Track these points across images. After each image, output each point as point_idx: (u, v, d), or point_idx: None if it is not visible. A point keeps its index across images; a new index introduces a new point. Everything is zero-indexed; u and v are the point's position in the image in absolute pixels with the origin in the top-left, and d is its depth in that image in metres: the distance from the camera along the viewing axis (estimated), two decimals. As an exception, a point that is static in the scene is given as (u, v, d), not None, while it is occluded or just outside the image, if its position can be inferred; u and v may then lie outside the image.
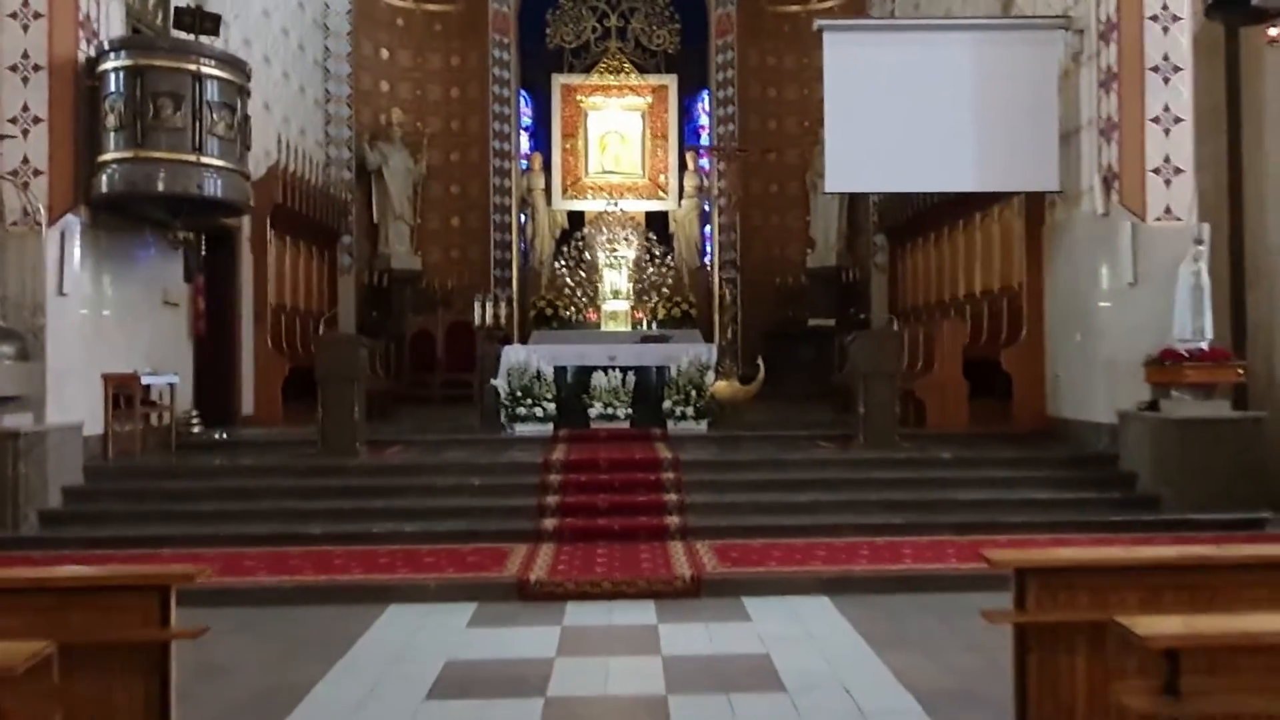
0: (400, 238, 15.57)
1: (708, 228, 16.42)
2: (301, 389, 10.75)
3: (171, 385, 9.16)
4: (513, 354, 10.30)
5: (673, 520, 7.36)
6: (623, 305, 14.70)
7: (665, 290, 15.19)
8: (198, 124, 8.02)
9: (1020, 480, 8.09)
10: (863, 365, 9.01)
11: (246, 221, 11.24)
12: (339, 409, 8.55)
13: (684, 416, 9.91)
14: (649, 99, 16.60)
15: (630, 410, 9.94)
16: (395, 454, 8.96)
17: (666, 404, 9.97)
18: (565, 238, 15.93)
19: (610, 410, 9.91)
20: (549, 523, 7.32)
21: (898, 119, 9.03)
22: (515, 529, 7.26)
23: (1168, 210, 8.28)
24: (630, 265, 14.97)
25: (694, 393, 9.94)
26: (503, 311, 13.85)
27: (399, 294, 15.42)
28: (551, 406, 9.89)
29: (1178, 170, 8.29)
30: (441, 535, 7.14)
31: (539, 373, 10.00)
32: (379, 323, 14.85)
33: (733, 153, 12.74)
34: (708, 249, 16.41)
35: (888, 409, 8.93)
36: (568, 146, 16.55)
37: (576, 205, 16.39)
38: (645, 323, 14.57)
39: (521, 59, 16.49)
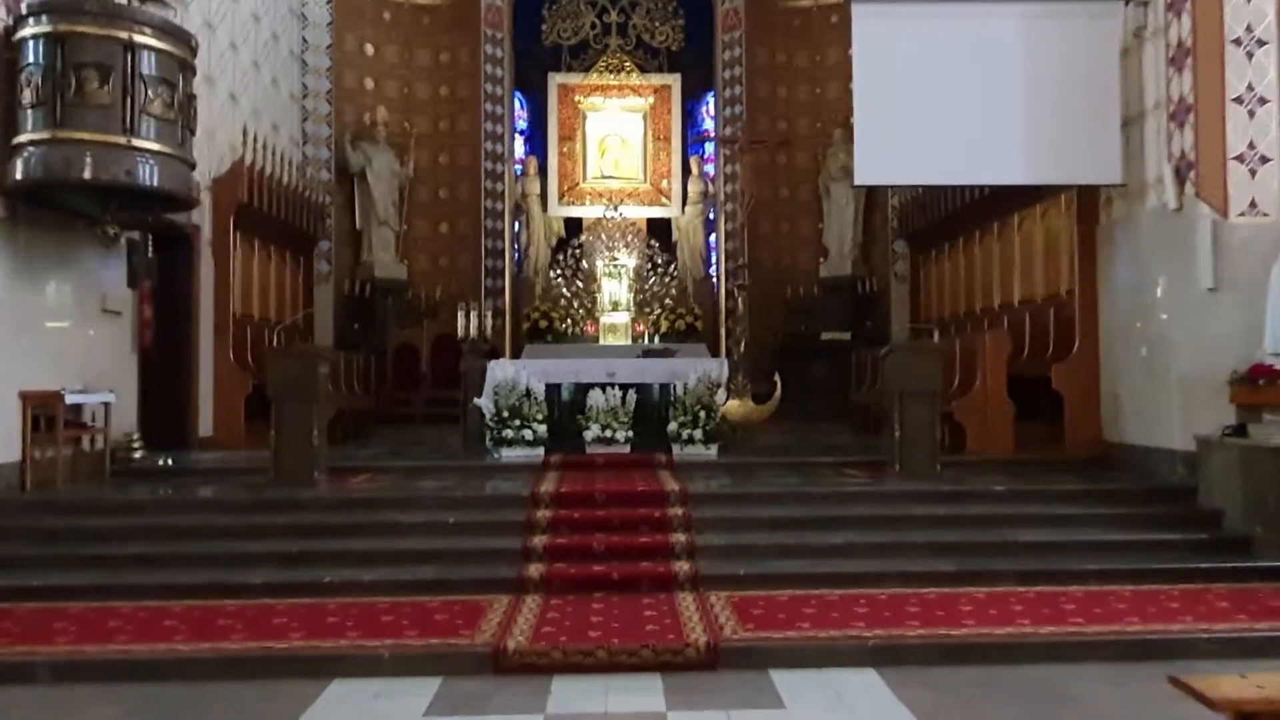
0: (384, 244, 14.51)
1: (713, 236, 15.38)
2: (269, 408, 9.63)
3: (106, 405, 8.01)
4: (499, 370, 9.19)
5: (681, 566, 6.20)
6: (623, 317, 13.59)
7: (668, 301, 14.11)
8: (129, 101, 6.86)
9: (1086, 518, 6.93)
10: (898, 383, 7.87)
11: (207, 223, 10.17)
12: (295, 433, 7.40)
13: (691, 440, 8.81)
14: (651, 100, 15.61)
15: (631, 433, 8.84)
16: (361, 484, 7.82)
17: (672, 426, 8.86)
18: (562, 245, 14.90)
19: (608, 433, 8.80)
20: (535, 569, 6.16)
21: (936, 104, 7.96)
22: (495, 577, 6.10)
23: (1253, 204, 7.21)
24: (631, 275, 13.86)
25: (703, 413, 8.83)
26: (491, 323, 12.74)
27: (382, 304, 14.32)
28: (542, 429, 8.80)
29: (1264, 159, 7.22)
30: (406, 585, 5.98)
31: (529, 390, 8.92)
32: (360, 335, 13.77)
33: (746, 144, 11.60)
34: (713, 258, 15.35)
35: (927, 433, 7.80)
36: (565, 149, 15.54)
37: (574, 211, 15.38)
38: (647, 336, 13.48)
39: (516, 57, 15.45)
